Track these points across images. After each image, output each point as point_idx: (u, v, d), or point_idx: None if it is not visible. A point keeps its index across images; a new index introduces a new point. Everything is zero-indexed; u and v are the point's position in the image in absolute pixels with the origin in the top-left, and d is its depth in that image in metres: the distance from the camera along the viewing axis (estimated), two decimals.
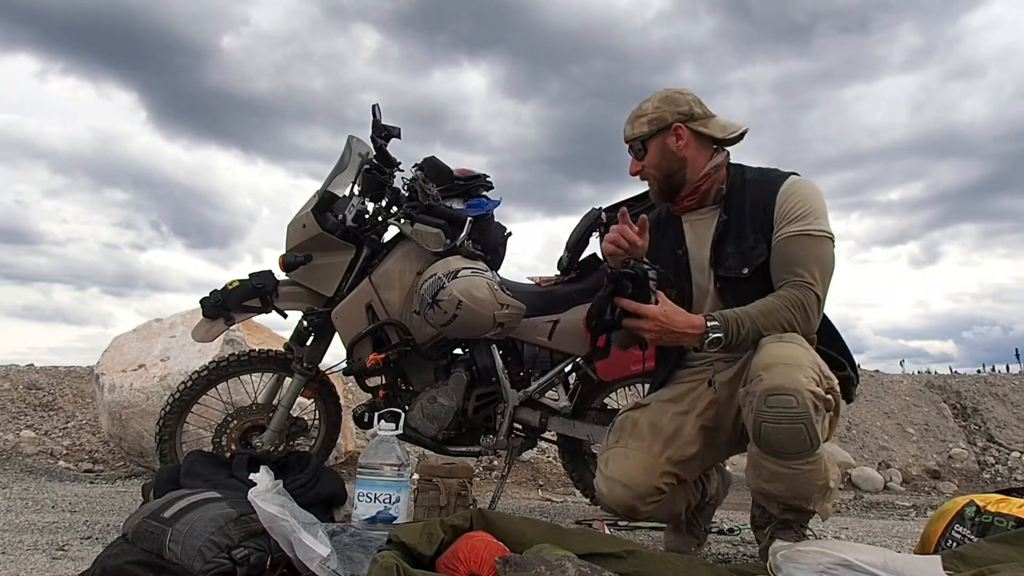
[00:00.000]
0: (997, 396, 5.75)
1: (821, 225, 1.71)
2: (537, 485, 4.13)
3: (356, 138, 2.67)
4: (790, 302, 1.65)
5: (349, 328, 2.56)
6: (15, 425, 4.40)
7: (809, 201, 1.72)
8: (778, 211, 1.74)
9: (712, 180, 1.85)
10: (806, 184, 1.77)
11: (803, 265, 1.68)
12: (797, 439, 1.50)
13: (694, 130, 1.83)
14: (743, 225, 1.79)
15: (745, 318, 1.65)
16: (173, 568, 1.47)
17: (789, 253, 1.70)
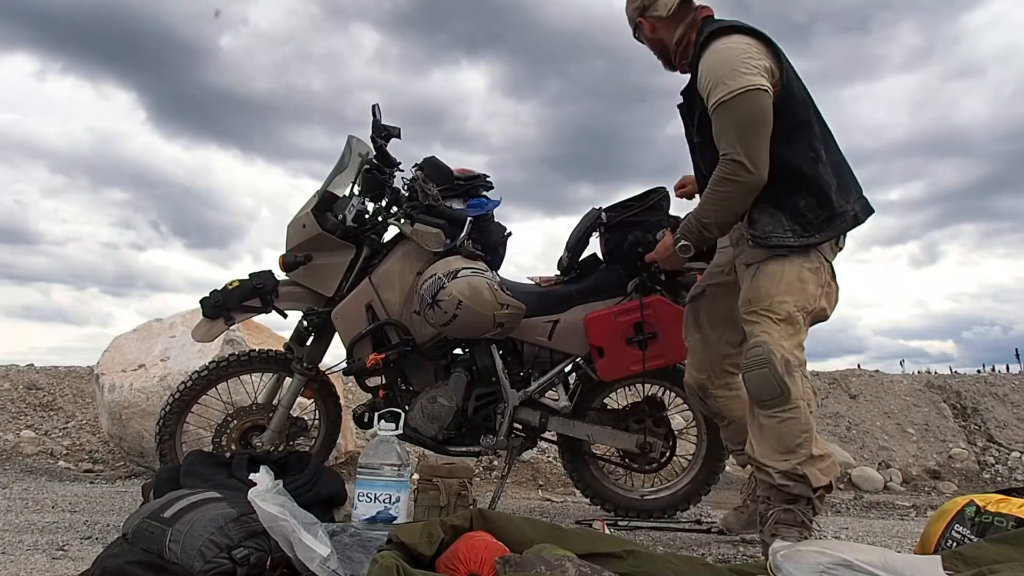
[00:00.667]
0: (997, 396, 5.75)
1: (728, 87, 1.83)
2: (537, 485, 4.13)
3: (356, 138, 2.67)
4: (714, 181, 1.90)
5: (349, 328, 2.56)
6: (15, 425, 4.40)
7: (716, 69, 1.87)
8: (699, 85, 1.93)
9: (684, 45, 2.08)
10: (715, 52, 1.90)
11: (721, 138, 1.88)
12: (767, 383, 1.82)
13: (652, 16, 2.11)
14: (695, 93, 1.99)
15: (690, 219, 1.99)
16: (173, 568, 1.47)
17: (715, 131, 1.90)
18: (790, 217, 1.92)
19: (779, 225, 1.91)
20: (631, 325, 2.51)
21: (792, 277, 1.90)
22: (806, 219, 1.91)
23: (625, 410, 2.78)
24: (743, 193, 1.87)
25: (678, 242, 2.02)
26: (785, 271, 1.91)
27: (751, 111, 1.83)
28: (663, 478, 2.83)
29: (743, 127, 1.83)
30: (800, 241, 1.90)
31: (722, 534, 2.55)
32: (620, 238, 2.55)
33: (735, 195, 1.87)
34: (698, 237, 1.98)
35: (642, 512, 2.76)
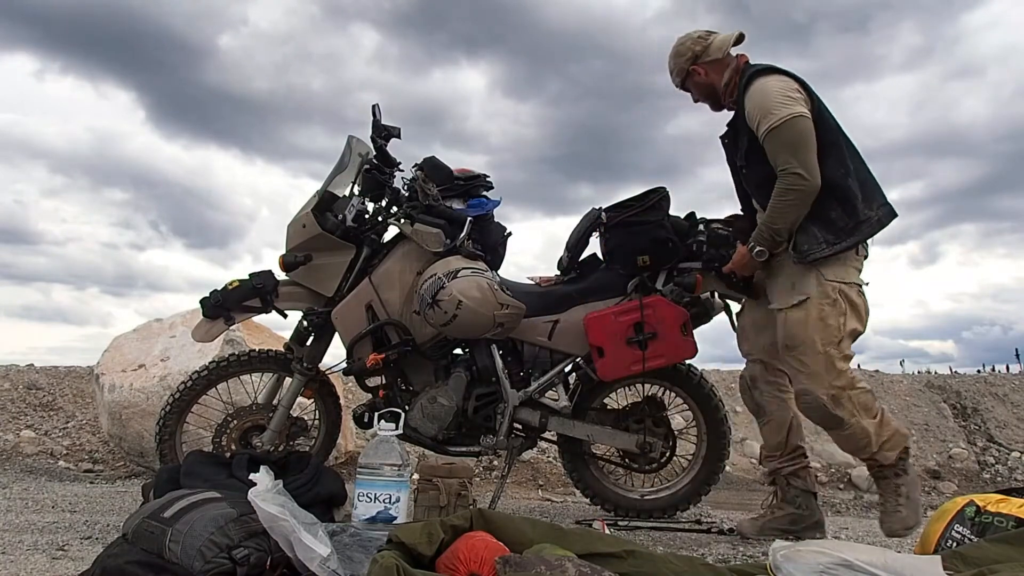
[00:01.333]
0: (997, 396, 5.75)
1: (775, 116, 2.19)
2: (537, 485, 4.13)
3: (356, 138, 2.67)
4: (778, 192, 2.22)
5: (349, 328, 2.56)
6: (15, 425, 4.40)
7: (761, 103, 2.22)
8: (748, 119, 2.27)
9: (732, 86, 2.39)
10: (757, 89, 2.25)
11: (776, 158, 2.22)
12: (824, 419, 2.26)
13: (705, 62, 2.41)
14: (739, 124, 2.36)
15: (761, 228, 2.28)
16: (173, 568, 1.47)
17: (768, 154, 2.23)
18: (823, 227, 2.23)
19: (814, 239, 2.23)
20: (631, 325, 2.51)
21: (814, 319, 2.23)
22: (837, 227, 2.23)
23: (625, 410, 2.78)
24: (803, 198, 2.20)
25: (753, 249, 2.30)
26: (808, 316, 2.23)
27: (799, 132, 2.19)
28: (663, 478, 2.83)
29: (794, 145, 2.19)
30: (833, 249, 2.22)
31: (722, 534, 2.55)
32: (624, 239, 2.55)
33: (797, 201, 2.20)
34: (770, 242, 2.27)
35: (642, 512, 2.76)
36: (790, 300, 2.26)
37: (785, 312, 2.28)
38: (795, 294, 2.27)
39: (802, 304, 2.24)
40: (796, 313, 2.25)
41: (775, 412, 2.52)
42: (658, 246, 2.52)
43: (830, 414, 2.23)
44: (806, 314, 2.24)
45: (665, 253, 2.54)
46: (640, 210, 2.54)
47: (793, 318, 2.26)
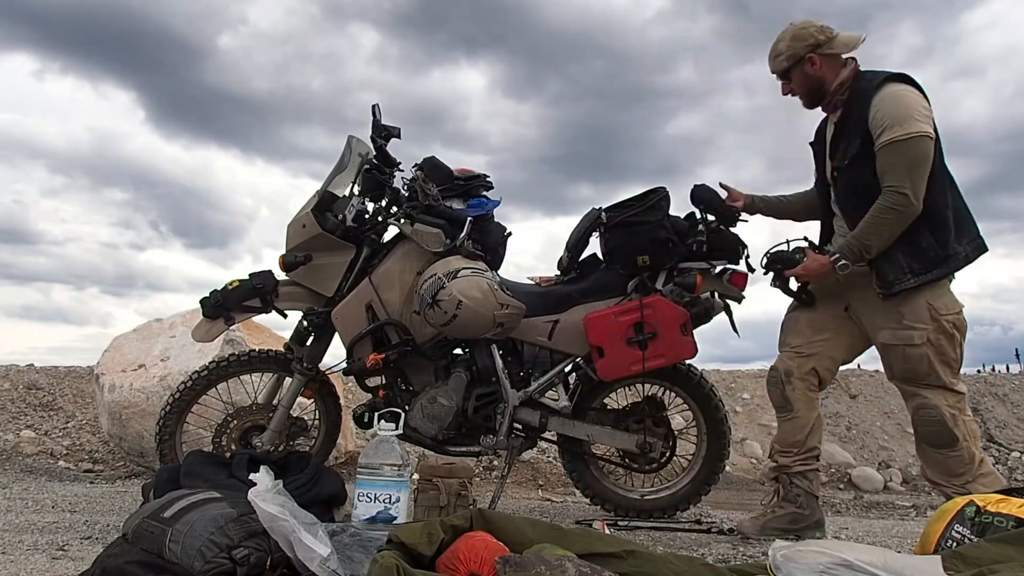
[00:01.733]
0: (997, 396, 5.75)
1: (905, 129, 2.13)
2: (537, 485, 4.13)
3: (356, 138, 2.67)
4: (878, 209, 2.18)
5: (349, 328, 2.56)
6: (15, 425, 4.40)
7: (894, 111, 2.16)
8: (871, 119, 2.20)
9: (842, 90, 2.33)
10: (894, 94, 2.19)
11: (889, 172, 2.17)
12: (942, 437, 2.24)
13: (823, 54, 2.32)
14: (850, 125, 2.29)
15: (852, 240, 2.23)
16: (173, 568, 1.47)
17: (881, 165, 2.19)
18: (910, 256, 2.21)
19: (899, 269, 2.22)
20: (631, 325, 2.51)
21: (935, 355, 2.23)
22: (926, 257, 2.21)
23: (625, 410, 2.78)
24: (902, 221, 2.18)
25: (838, 261, 2.25)
26: (928, 352, 2.22)
27: (921, 153, 2.15)
28: (663, 478, 2.83)
29: (912, 166, 2.14)
30: (918, 280, 2.21)
31: (722, 534, 2.55)
32: (624, 239, 2.55)
33: (897, 223, 2.18)
34: (857, 257, 2.24)
35: (642, 512, 2.76)
36: (906, 336, 2.23)
37: (904, 350, 2.25)
38: (906, 327, 2.23)
39: (920, 343, 2.22)
40: (916, 351, 2.23)
41: (801, 410, 2.46)
42: (658, 246, 2.52)
43: (949, 431, 2.22)
44: (926, 351, 2.22)
45: (665, 253, 2.54)
46: (640, 210, 2.54)
47: (914, 355, 2.24)
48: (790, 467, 2.48)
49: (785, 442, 2.51)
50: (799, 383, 2.47)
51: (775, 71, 2.42)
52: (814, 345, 2.47)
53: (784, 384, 2.48)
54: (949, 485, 2.25)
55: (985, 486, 2.17)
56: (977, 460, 2.24)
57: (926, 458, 2.34)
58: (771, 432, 5.20)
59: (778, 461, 2.53)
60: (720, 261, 2.61)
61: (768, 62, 2.45)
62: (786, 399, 2.49)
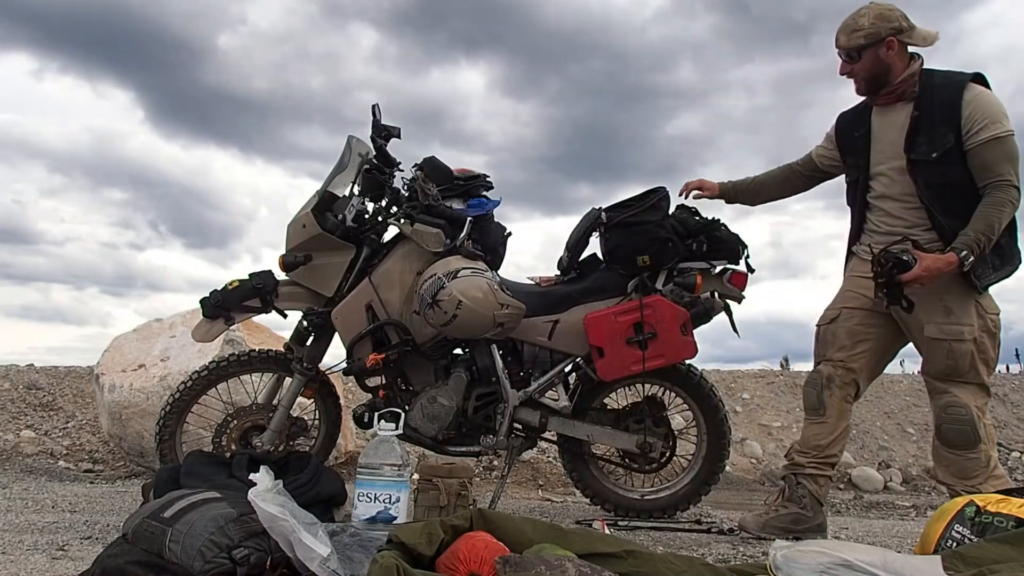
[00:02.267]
0: (997, 396, 5.75)
1: (1003, 126, 2.17)
2: (537, 485, 4.13)
3: (356, 138, 2.67)
4: (996, 202, 2.16)
5: (349, 328, 2.56)
6: (15, 425, 4.40)
7: (989, 109, 2.18)
8: (965, 115, 2.19)
9: (908, 84, 2.29)
10: (985, 94, 2.22)
11: (997, 166, 2.17)
12: (966, 436, 2.22)
13: (901, 41, 2.27)
14: (933, 119, 2.24)
15: (979, 236, 2.14)
16: (173, 568, 1.47)
17: (984, 160, 2.18)
18: (993, 252, 2.22)
19: (985, 264, 2.22)
20: (631, 325, 2.51)
21: (978, 353, 2.24)
22: (1005, 253, 2.26)
23: (625, 410, 2.78)
24: (1012, 214, 2.19)
25: (967, 258, 2.14)
26: (973, 349, 2.23)
27: (1018, 151, 2.20)
28: (663, 478, 2.83)
29: (1015, 161, 2.18)
30: (998, 275, 2.25)
31: (722, 534, 2.55)
32: (624, 239, 2.55)
33: (1009, 215, 2.18)
34: (981, 251, 2.17)
35: (642, 512, 2.76)
36: (955, 332, 2.22)
37: (950, 344, 2.23)
38: (954, 323, 2.22)
39: (968, 339, 2.22)
40: (962, 347, 2.23)
41: (833, 417, 2.44)
42: (658, 246, 2.52)
43: (975, 430, 2.21)
44: (970, 347, 2.23)
45: (665, 253, 2.54)
46: (640, 210, 2.55)
47: (960, 351, 2.23)
48: (803, 467, 2.46)
49: (807, 443, 2.48)
50: (838, 391, 2.45)
51: (847, 46, 2.31)
52: (856, 358, 2.44)
53: (824, 388, 2.45)
54: (959, 485, 2.24)
55: (994, 488, 2.15)
56: (992, 463, 2.24)
57: (940, 458, 2.31)
58: (771, 432, 5.20)
59: (793, 459, 2.51)
60: (720, 261, 2.62)
61: (839, 35, 2.33)
62: (821, 402, 2.46)
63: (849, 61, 2.33)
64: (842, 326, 2.46)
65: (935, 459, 2.36)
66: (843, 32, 2.32)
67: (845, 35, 2.32)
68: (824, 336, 2.51)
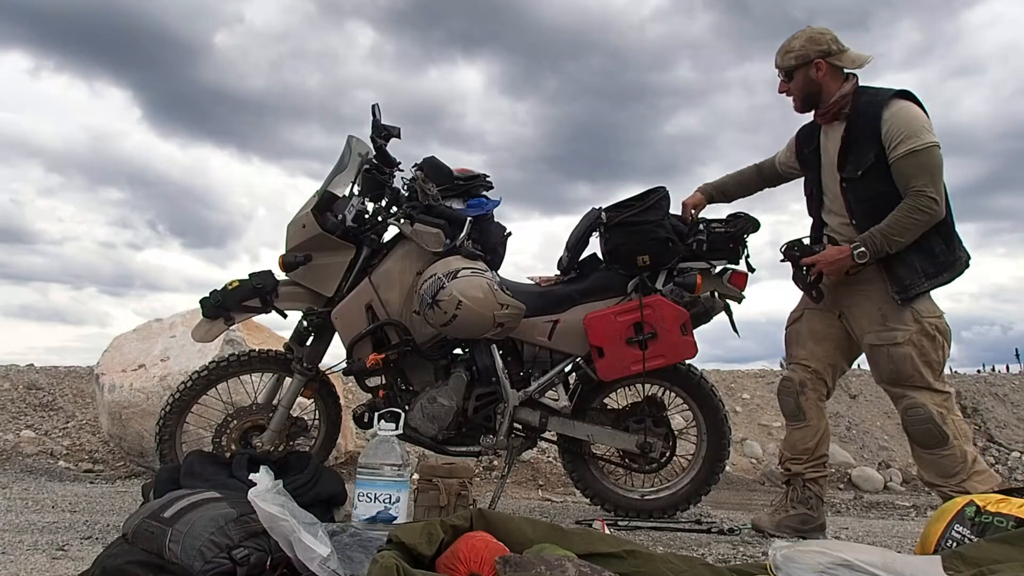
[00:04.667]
0: (997, 396, 5.75)
1: (921, 139, 2.26)
2: (537, 485, 4.13)
3: (356, 138, 2.67)
4: (907, 209, 2.26)
5: (349, 328, 2.56)
6: (15, 425, 4.40)
7: (907, 124, 2.28)
8: (884, 131, 2.30)
9: (841, 103, 2.40)
10: (905, 109, 2.31)
11: (914, 177, 2.26)
12: (931, 435, 2.29)
13: (831, 63, 2.39)
14: (860, 137, 2.36)
15: (877, 233, 2.28)
16: (173, 568, 1.47)
17: (903, 172, 2.28)
18: (925, 259, 2.32)
19: (914, 273, 2.31)
20: (631, 325, 2.51)
21: (918, 356, 2.31)
22: (938, 261, 2.33)
23: (625, 410, 2.78)
24: (928, 223, 2.27)
25: (857, 248, 2.30)
26: (911, 353, 2.30)
27: (939, 162, 2.28)
28: (663, 478, 2.83)
29: (935, 173, 2.27)
30: (931, 284, 2.32)
31: (722, 534, 2.55)
32: (624, 239, 2.55)
33: (923, 224, 2.27)
34: (878, 250, 2.29)
35: (642, 512, 2.76)
36: (890, 337, 2.33)
37: (888, 349, 2.33)
38: (890, 329, 2.33)
39: (903, 342, 2.31)
40: (900, 350, 2.31)
41: (813, 419, 2.54)
42: (658, 246, 2.53)
43: (939, 429, 2.28)
44: (909, 351, 2.31)
45: (665, 253, 2.54)
46: (640, 210, 2.54)
47: (899, 354, 2.32)
48: (803, 473, 2.56)
49: (795, 449, 2.58)
50: (812, 394, 2.55)
51: (781, 66, 2.47)
52: (819, 355, 2.55)
53: (798, 394, 2.55)
54: (945, 485, 2.30)
55: (981, 483, 2.24)
56: (971, 459, 2.29)
57: (920, 460, 2.39)
58: (771, 432, 5.20)
59: (791, 469, 2.59)
60: (720, 261, 2.62)
61: (776, 56, 2.49)
62: (800, 408, 2.55)
63: (785, 80, 2.48)
64: (805, 326, 2.58)
65: (916, 462, 2.45)
66: (779, 54, 2.48)
67: (780, 56, 2.47)
68: (789, 337, 2.65)
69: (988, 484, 2.25)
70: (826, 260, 2.37)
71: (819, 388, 2.56)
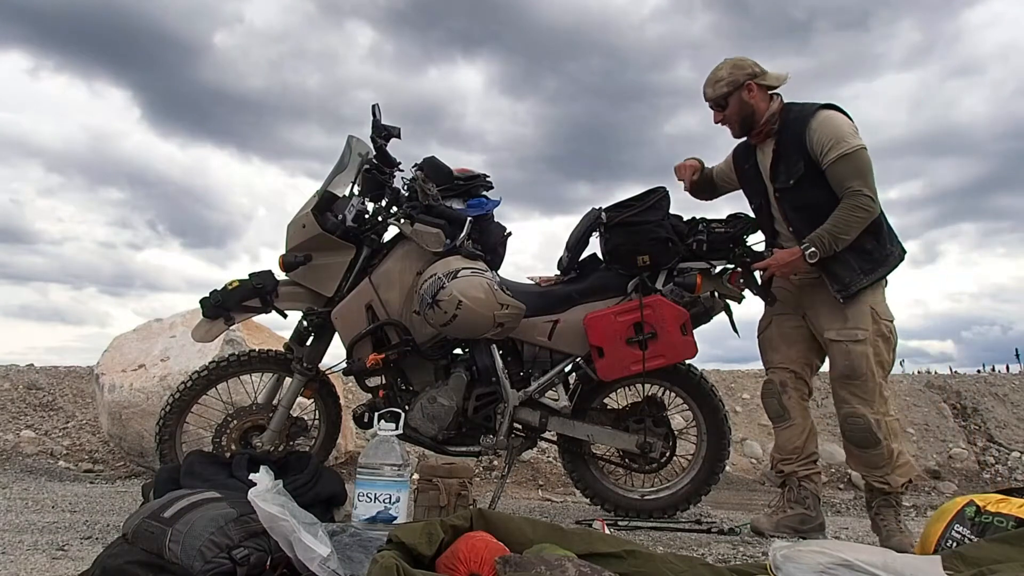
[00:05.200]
0: (997, 396, 5.75)
1: (849, 143, 2.37)
2: (537, 485, 4.13)
3: (356, 138, 2.66)
4: (849, 208, 2.36)
5: (349, 328, 2.56)
6: (15, 425, 4.40)
7: (833, 131, 2.39)
8: (812, 141, 2.41)
9: (771, 121, 2.52)
10: (829, 117, 2.42)
11: (847, 180, 2.37)
12: (866, 439, 2.44)
13: (759, 84, 2.51)
14: (789, 150, 2.48)
15: (824, 233, 2.37)
16: (173, 568, 1.47)
17: (836, 176, 2.39)
18: (858, 258, 2.41)
19: (852, 271, 2.41)
20: (631, 325, 2.51)
21: (872, 355, 2.43)
22: (872, 257, 2.43)
23: (625, 410, 2.78)
24: (867, 220, 2.37)
25: (807, 249, 2.39)
26: (868, 351, 2.42)
27: (868, 163, 2.40)
28: (663, 478, 2.83)
29: (866, 173, 2.38)
30: (868, 279, 2.41)
31: (722, 534, 2.55)
32: (624, 239, 2.56)
33: (864, 221, 2.37)
34: (826, 249, 2.38)
35: (642, 512, 2.76)
36: (851, 334, 2.44)
37: (847, 345, 2.44)
38: (851, 327, 2.43)
39: (863, 340, 2.42)
40: (859, 347, 2.43)
41: (797, 418, 2.60)
42: (658, 246, 2.53)
43: (874, 435, 2.43)
44: (866, 349, 2.43)
45: (665, 253, 2.54)
46: (640, 210, 2.54)
47: (857, 351, 2.43)
48: (796, 472, 2.58)
49: (784, 449, 2.62)
50: (794, 393, 2.61)
51: (714, 96, 2.55)
52: (793, 357, 2.63)
53: (780, 394, 2.62)
54: (870, 476, 2.51)
55: (902, 475, 2.47)
56: (895, 455, 2.47)
57: (850, 454, 2.56)
58: (771, 432, 5.18)
59: (783, 469, 2.62)
60: (720, 261, 2.62)
61: (705, 89, 2.58)
62: (784, 407, 2.60)
63: (720, 110, 2.57)
64: (775, 331, 2.66)
65: (846, 453, 2.60)
66: (708, 86, 2.57)
67: (711, 87, 2.56)
68: (762, 344, 2.72)
69: (908, 475, 2.49)
70: (778, 263, 2.46)
71: (800, 388, 2.63)
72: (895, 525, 2.50)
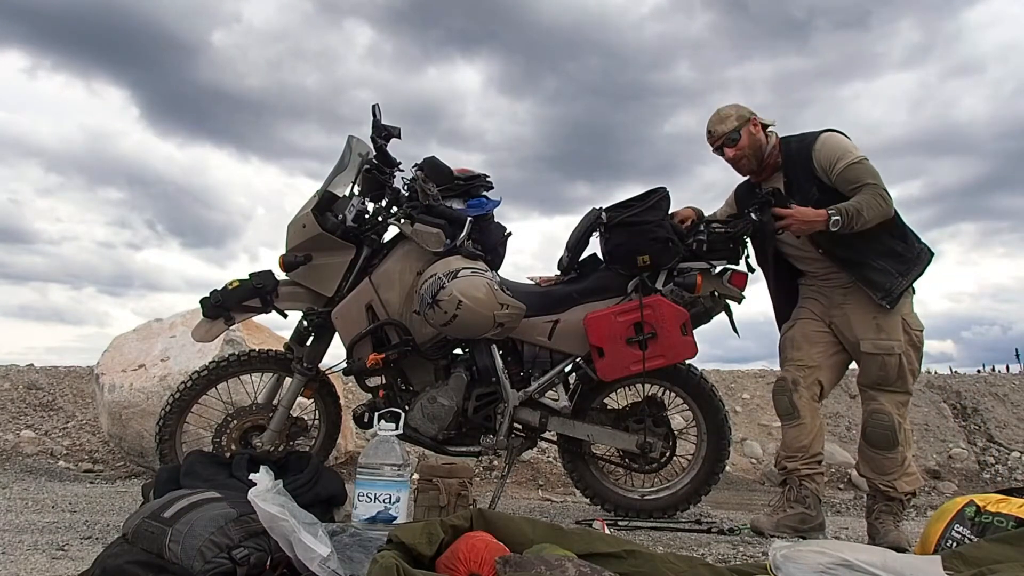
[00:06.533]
0: (997, 396, 5.75)
1: (853, 155, 2.48)
2: (537, 485, 4.13)
3: (356, 138, 2.66)
4: (870, 194, 2.43)
5: (349, 328, 2.56)
6: (15, 425, 4.40)
7: (836, 149, 2.50)
8: (819, 162, 2.51)
9: (774, 155, 2.63)
10: (831, 138, 2.54)
11: (861, 179, 2.45)
12: (887, 440, 2.50)
13: (757, 120, 2.62)
14: (799, 179, 2.57)
15: (852, 206, 2.41)
16: (173, 568, 1.47)
17: (848, 180, 2.47)
18: (892, 260, 2.48)
19: (889, 275, 2.47)
20: (631, 325, 2.51)
21: (906, 365, 2.50)
22: (904, 258, 2.50)
23: (625, 410, 2.78)
24: (885, 213, 2.44)
25: (832, 216, 2.41)
26: (902, 362, 2.49)
27: (875, 170, 2.48)
28: (663, 478, 2.83)
29: (877, 176, 2.46)
30: (908, 280, 2.48)
31: (722, 534, 2.55)
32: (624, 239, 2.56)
33: (884, 209, 2.43)
34: (848, 223, 2.41)
35: (642, 512, 2.76)
36: (887, 347, 2.49)
37: (883, 358, 2.50)
38: (884, 339, 2.49)
39: (898, 352, 2.49)
40: (892, 360, 2.50)
41: (807, 417, 2.59)
42: (658, 246, 2.52)
43: (894, 436, 2.48)
44: (901, 360, 2.50)
45: (665, 253, 2.54)
46: (640, 210, 2.54)
47: (892, 363, 2.50)
48: (798, 470, 2.57)
49: (790, 448, 2.60)
50: (805, 392, 2.60)
51: (727, 131, 2.60)
52: (813, 356, 2.63)
53: (792, 392, 2.60)
54: (877, 480, 2.54)
55: (908, 483, 2.51)
56: (906, 462, 2.52)
57: (863, 456, 2.59)
58: (771, 432, 5.20)
59: (786, 466, 2.61)
60: (720, 261, 2.62)
61: (715, 128, 2.63)
62: (794, 406, 2.59)
63: (733, 144, 2.61)
64: (798, 331, 2.68)
65: (859, 456, 2.63)
66: (716, 124, 2.64)
67: (720, 124, 2.62)
68: (784, 343, 2.73)
69: (913, 486, 2.53)
70: (801, 217, 2.46)
71: (812, 387, 2.62)
72: (890, 527, 2.51)
